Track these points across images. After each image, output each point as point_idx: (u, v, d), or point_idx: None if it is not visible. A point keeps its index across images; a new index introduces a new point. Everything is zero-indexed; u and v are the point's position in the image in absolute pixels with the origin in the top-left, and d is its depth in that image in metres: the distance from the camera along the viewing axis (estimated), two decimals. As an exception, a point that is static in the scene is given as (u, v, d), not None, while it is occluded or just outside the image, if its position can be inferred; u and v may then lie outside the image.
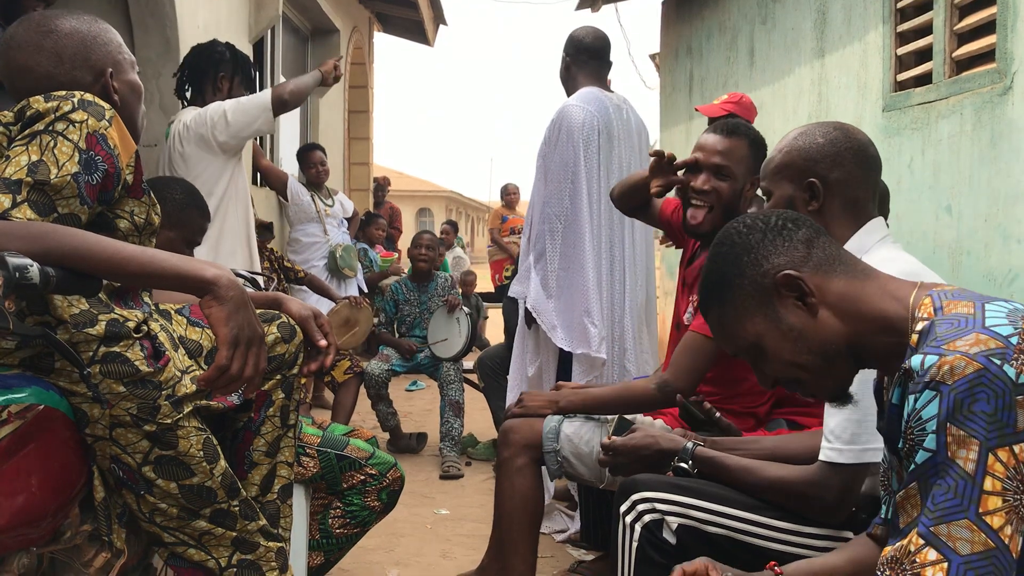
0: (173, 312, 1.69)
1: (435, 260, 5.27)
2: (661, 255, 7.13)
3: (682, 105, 6.87)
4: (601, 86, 3.28)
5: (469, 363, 4.79)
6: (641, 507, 1.75)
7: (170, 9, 3.93)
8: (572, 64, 3.32)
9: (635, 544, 1.73)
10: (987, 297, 1.16)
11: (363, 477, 2.24)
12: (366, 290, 5.98)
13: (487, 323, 8.44)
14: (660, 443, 1.93)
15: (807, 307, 1.25)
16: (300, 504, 2.13)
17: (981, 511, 1.00)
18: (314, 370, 1.79)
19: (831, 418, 1.62)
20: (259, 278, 2.31)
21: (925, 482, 1.05)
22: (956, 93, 3.15)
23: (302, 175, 5.63)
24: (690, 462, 1.85)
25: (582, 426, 2.39)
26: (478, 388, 4.43)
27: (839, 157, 1.71)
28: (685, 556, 1.41)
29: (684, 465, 1.85)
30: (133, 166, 1.52)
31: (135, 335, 1.45)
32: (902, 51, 3.59)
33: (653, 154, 2.55)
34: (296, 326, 1.78)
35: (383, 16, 9.55)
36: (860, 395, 1.56)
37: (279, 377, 1.78)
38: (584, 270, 3.11)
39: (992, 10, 2.97)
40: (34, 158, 1.36)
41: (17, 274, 1.18)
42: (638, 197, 2.73)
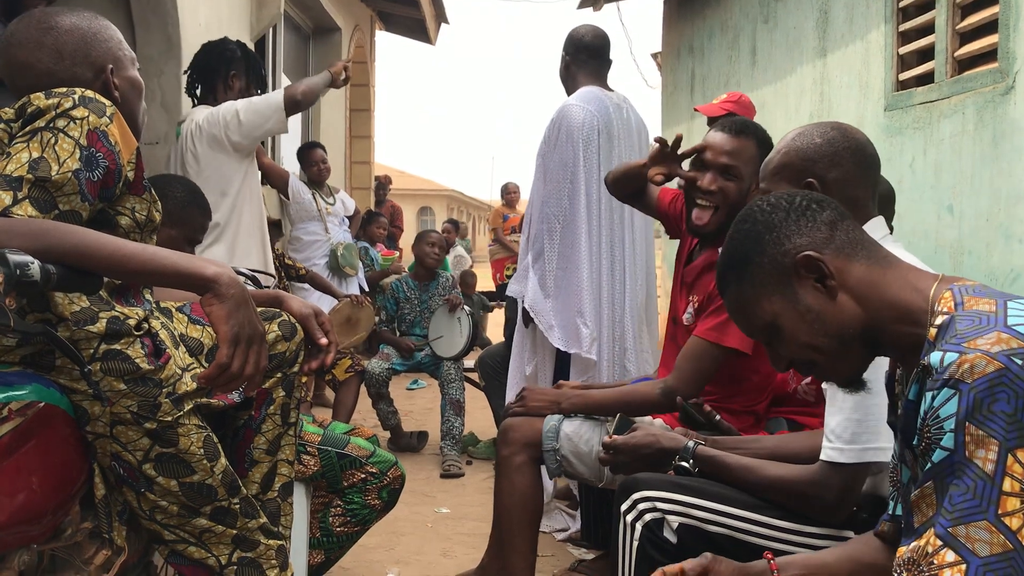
0: (174, 310, 1.70)
1: (441, 258, 5.30)
2: (663, 254, 7.13)
3: (684, 104, 6.87)
4: (601, 85, 3.27)
5: (470, 362, 4.78)
6: (642, 506, 1.75)
7: (171, 7, 3.93)
8: (572, 63, 3.30)
9: (636, 543, 1.73)
10: (1009, 295, 1.15)
11: (364, 475, 2.25)
12: (367, 288, 5.98)
13: (489, 322, 8.44)
14: (661, 442, 1.93)
15: (826, 289, 1.24)
16: (301, 502, 2.13)
17: (1000, 512, 0.99)
18: (315, 368, 1.78)
19: (832, 418, 1.62)
20: (260, 276, 2.30)
21: (942, 482, 1.04)
22: (958, 92, 3.14)
23: (303, 173, 5.63)
24: (691, 461, 1.85)
25: (582, 425, 2.39)
26: (479, 387, 4.43)
27: (837, 157, 1.71)
28: (686, 555, 1.40)
29: (685, 464, 1.85)
30: (134, 163, 1.51)
31: (136, 333, 1.45)
32: (904, 50, 3.58)
33: (657, 140, 2.51)
34: (297, 324, 1.78)
35: (385, 14, 9.55)
36: (860, 395, 1.56)
37: (280, 375, 1.78)
38: (579, 270, 3.10)
39: (994, 9, 2.96)
40: (35, 155, 1.36)
41: (18, 271, 1.18)
42: (633, 184, 2.70)
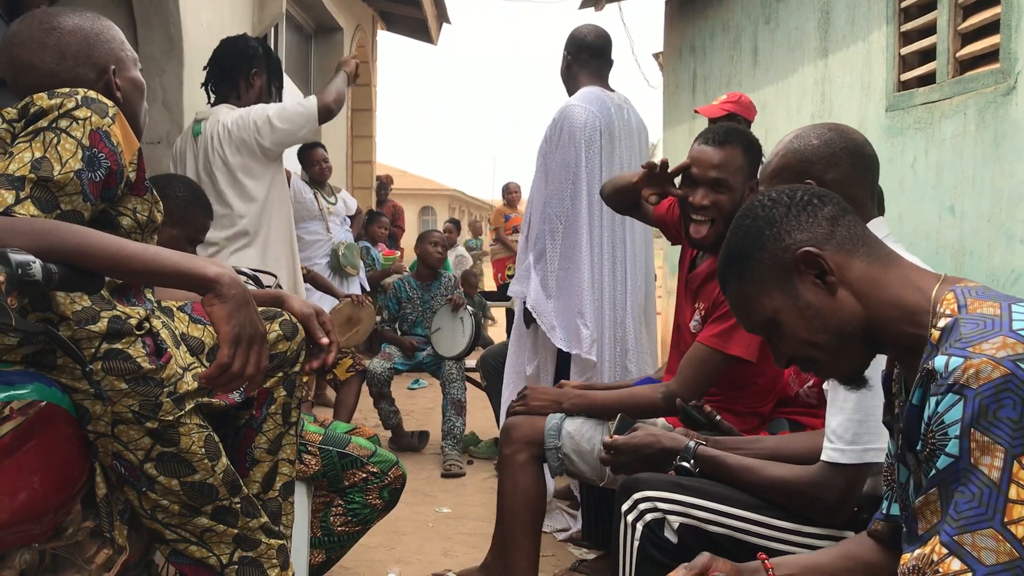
0: (175, 309, 1.70)
1: (444, 257, 5.32)
2: (663, 254, 7.12)
3: (685, 104, 6.86)
4: (602, 85, 3.26)
5: (471, 362, 4.79)
6: (643, 506, 1.75)
7: (173, 6, 3.93)
8: (573, 63, 3.30)
9: (636, 543, 1.73)
10: (1013, 298, 1.14)
11: (365, 475, 2.25)
12: (368, 288, 5.98)
13: (491, 321, 8.44)
14: (662, 442, 1.93)
15: (826, 285, 1.23)
16: (302, 502, 2.13)
17: (1006, 520, 0.98)
18: (316, 368, 1.78)
19: (833, 418, 1.62)
20: (261, 276, 2.30)
21: (947, 488, 1.03)
22: (960, 93, 3.14)
23: (305, 173, 5.64)
24: (692, 461, 1.85)
25: (584, 424, 2.40)
26: (480, 387, 4.43)
27: (834, 158, 1.71)
28: (686, 555, 1.41)
29: (686, 464, 1.85)
30: (136, 163, 1.52)
31: (137, 332, 1.45)
32: (906, 51, 3.58)
33: (645, 167, 2.50)
34: (298, 324, 1.78)
35: (386, 14, 9.55)
36: (862, 393, 1.56)
37: (281, 375, 1.78)
38: (581, 271, 3.10)
39: (996, 10, 2.96)
40: (37, 155, 1.36)
41: (20, 271, 1.18)
42: (627, 199, 2.70)
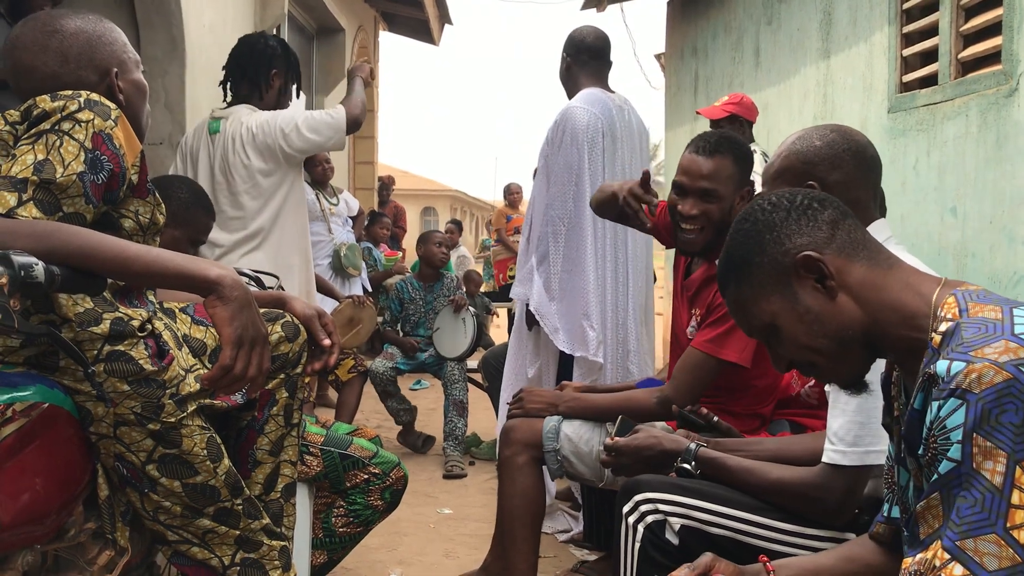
0: (177, 311, 1.70)
1: (448, 257, 5.31)
2: (665, 255, 7.12)
3: (687, 105, 6.86)
4: (602, 86, 3.25)
5: (473, 362, 4.79)
6: (644, 508, 1.75)
7: (176, 8, 3.94)
8: (573, 64, 3.28)
9: (637, 545, 1.73)
10: (1014, 301, 1.13)
11: (366, 476, 2.25)
12: (370, 289, 5.99)
13: (492, 321, 8.43)
14: (663, 444, 1.93)
15: (826, 290, 1.23)
16: (303, 503, 2.13)
17: (1009, 525, 0.98)
18: (318, 369, 1.79)
19: (835, 420, 1.62)
20: (263, 277, 2.30)
21: (949, 493, 1.03)
22: (962, 95, 3.14)
23: (307, 174, 5.64)
24: (693, 463, 1.85)
25: (582, 426, 2.40)
26: (482, 388, 4.43)
27: (837, 159, 1.71)
28: (688, 557, 1.41)
29: (687, 466, 1.85)
30: (138, 166, 1.52)
31: (139, 334, 1.46)
32: (908, 52, 3.58)
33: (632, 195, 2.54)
34: (300, 325, 1.78)
35: (388, 15, 9.56)
36: (863, 397, 1.56)
37: (283, 376, 1.78)
38: (585, 273, 3.09)
39: (998, 11, 2.96)
40: (40, 157, 1.36)
41: (22, 272, 1.18)
42: (614, 209, 2.68)
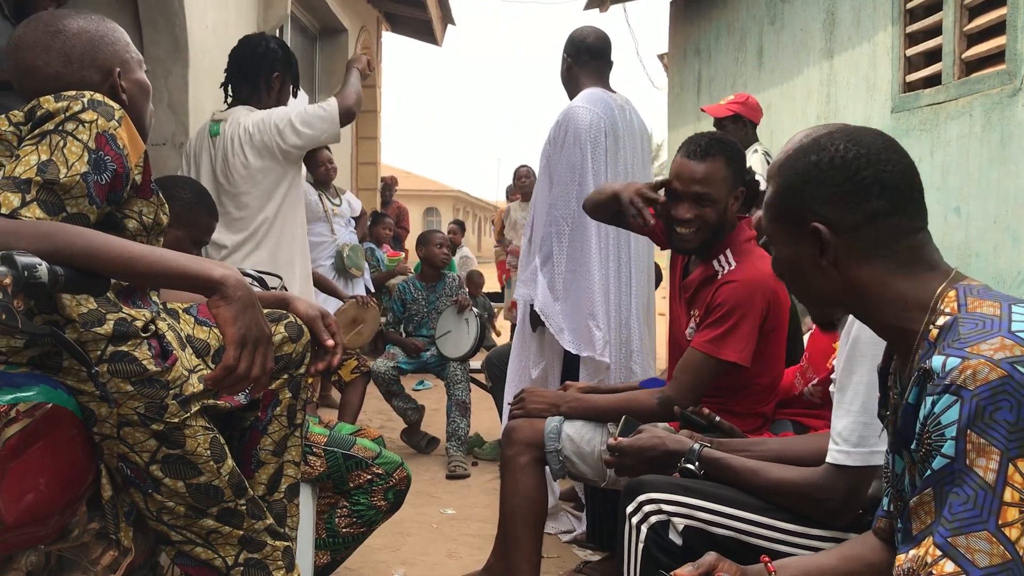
0: (181, 311, 1.70)
1: (450, 257, 5.32)
2: (667, 253, 7.11)
3: (690, 105, 6.86)
4: (603, 86, 3.25)
5: (476, 363, 4.79)
6: (647, 508, 1.75)
7: (179, 8, 3.94)
8: (574, 64, 3.28)
9: (641, 545, 1.73)
10: (1015, 298, 1.13)
11: (369, 476, 2.25)
12: (373, 289, 5.99)
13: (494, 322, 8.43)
14: (667, 444, 1.93)
15: (822, 264, 1.23)
16: (307, 503, 2.13)
17: (1000, 523, 0.98)
18: (321, 369, 1.79)
19: (839, 420, 1.62)
20: (267, 277, 2.31)
21: (941, 489, 1.03)
22: (965, 94, 3.13)
23: (309, 174, 5.64)
24: (697, 463, 1.85)
25: (583, 426, 2.40)
26: (485, 388, 4.43)
27: None
28: (691, 557, 1.40)
29: (690, 466, 1.85)
30: (142, 166, 1.52)
31: (143, 334, 1.46)
32: (911, 52, 3.58)
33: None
34: (303, 326, 1.78)
35: (391, 16, 9.56)
36: (868, 396, 1.56)
37: (286, 376, 1.78)
38: (590, 273, 3.09)
39: (1002, 11, 2.96)
40: (43, 157, 1.36)
41: (26, 273, 1.18)
42: (609, 211, 2.68)
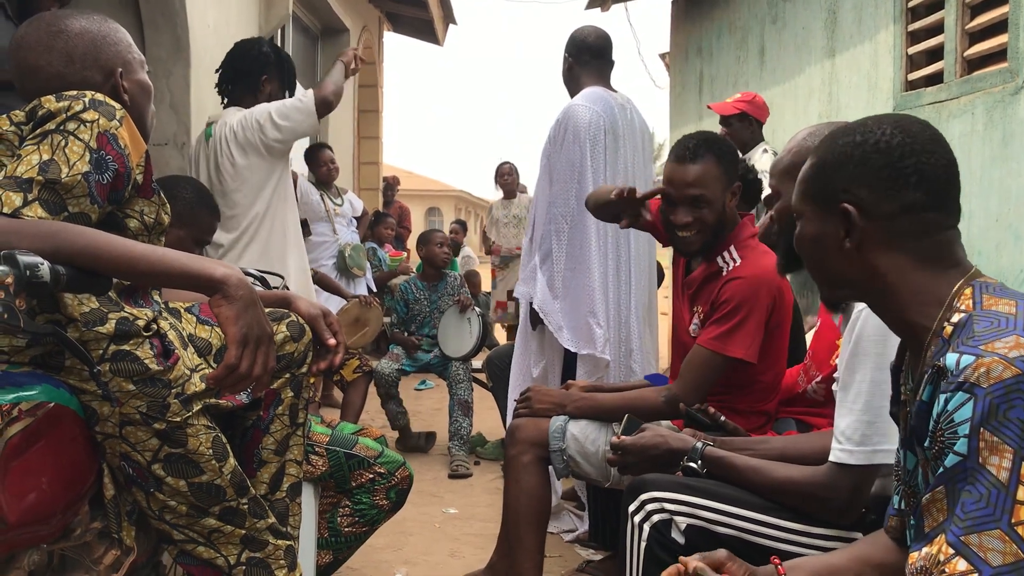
0: (183, 310, 1.70)
1: (451, 256, 5.33)
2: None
3: (692, 104, 6.86)
4: (605, 85, 3.25)
5: (478, 362, 4.79)
6: (650, 507, 1.74)
7: (180, 8, 3.94)
8: (575, 64, 3.28)
9: (643, 544, 1.73)
10: None
11: (372, 476, 2.25)
12: (375, 289, 5.99)
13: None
14: (669, 443, 1.93)
15: (845, 246, 1.22)
16: (309, 502, 2.13)
17: (1013, 521, 0.97)
18: (323, 369, 1.79)
19: (842, 419, 1.62)
20: (268, 277, 2.31)
21: (954, 487, 1.02)
22: (967, 92, 3.13)
23: (311, 174, 5.65)
24: (699, 462, 1.85)
25: (588, 426, 2.39)
26: (487, 387, 4.43)
27: None
28: (694, 556, 1.40)
29: (693, 465, 1.85)
30: (143, 166, 1.52)
31: (145, 333, 1.46)
32: (913, 50, 3.57)
33: (615, 196, 2.56)
34: (305, 325, 1.78)
35: (393, 15, 9.56)
36: (872, 394, 1.56)
37: (288, 376, 1.78)
38: (590, 271, 3.09)
39: (1004, 9, 2.95)
40: (45, 157, 1.36)
41: (28, 272, 1.18)
42: (611, 211, 2.69)
